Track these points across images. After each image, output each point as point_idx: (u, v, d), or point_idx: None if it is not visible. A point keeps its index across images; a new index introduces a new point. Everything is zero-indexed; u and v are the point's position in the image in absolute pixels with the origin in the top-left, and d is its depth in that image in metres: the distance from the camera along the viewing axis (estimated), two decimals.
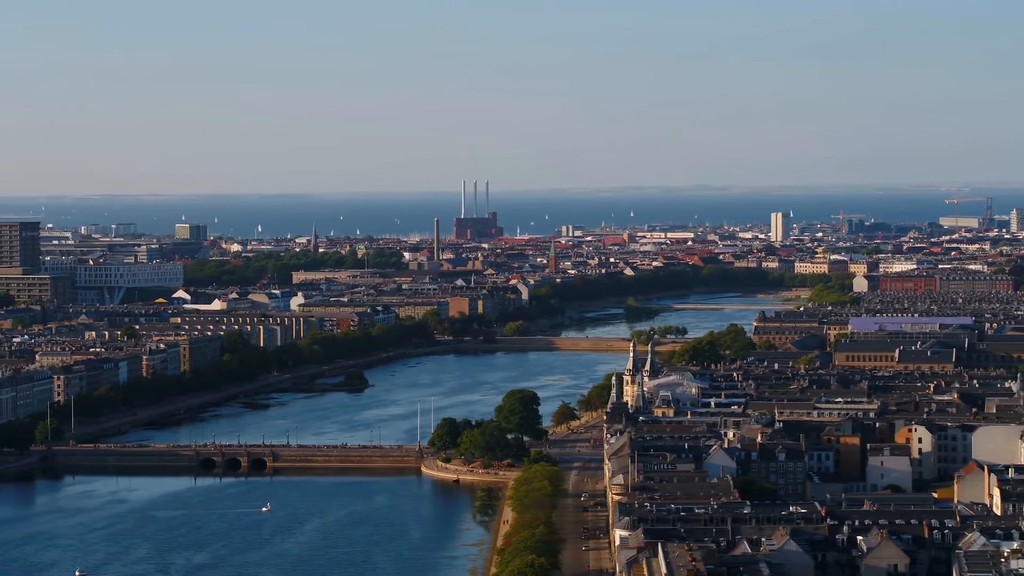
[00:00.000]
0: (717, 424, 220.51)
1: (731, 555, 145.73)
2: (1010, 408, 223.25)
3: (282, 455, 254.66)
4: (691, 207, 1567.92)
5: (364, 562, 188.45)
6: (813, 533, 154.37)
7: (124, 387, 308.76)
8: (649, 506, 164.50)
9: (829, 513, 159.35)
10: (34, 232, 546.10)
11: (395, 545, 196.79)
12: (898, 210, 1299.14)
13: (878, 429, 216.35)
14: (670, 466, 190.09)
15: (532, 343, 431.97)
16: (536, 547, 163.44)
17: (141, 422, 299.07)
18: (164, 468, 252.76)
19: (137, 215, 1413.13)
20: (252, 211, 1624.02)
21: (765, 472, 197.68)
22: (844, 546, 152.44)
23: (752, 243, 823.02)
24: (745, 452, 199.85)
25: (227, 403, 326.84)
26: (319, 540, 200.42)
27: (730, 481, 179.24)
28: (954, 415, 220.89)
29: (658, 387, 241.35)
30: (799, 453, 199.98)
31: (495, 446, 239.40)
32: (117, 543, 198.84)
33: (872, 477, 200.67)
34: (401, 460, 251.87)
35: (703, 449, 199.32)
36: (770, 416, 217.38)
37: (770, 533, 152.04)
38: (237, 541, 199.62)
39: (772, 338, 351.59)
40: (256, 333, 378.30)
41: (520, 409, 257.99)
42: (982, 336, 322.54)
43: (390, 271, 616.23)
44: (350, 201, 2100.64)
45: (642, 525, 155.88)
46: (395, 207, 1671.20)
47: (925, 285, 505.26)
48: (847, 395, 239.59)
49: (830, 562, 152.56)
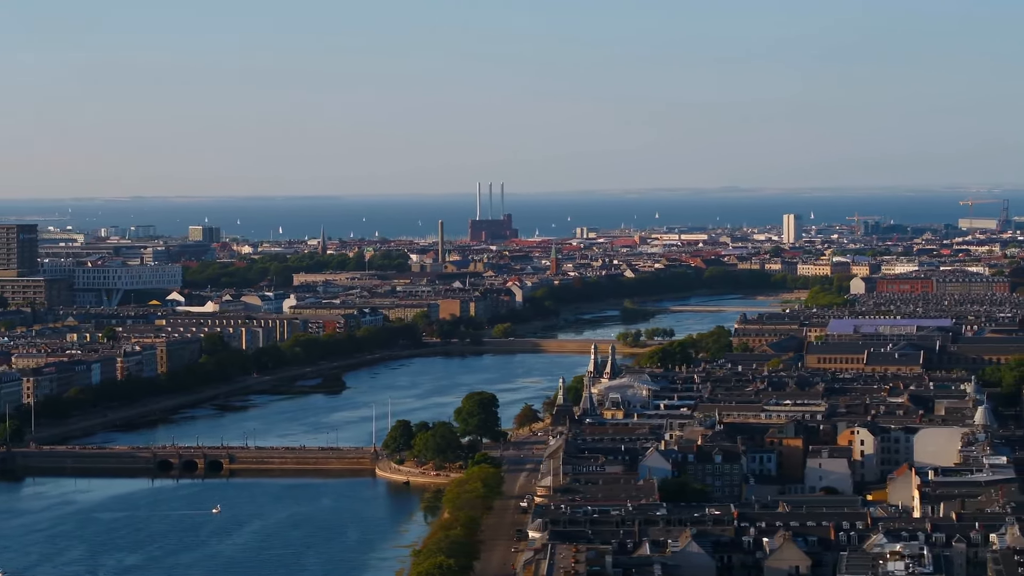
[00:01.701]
0: (663, 426, 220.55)
1: (628, 556, 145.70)
2: (959, 410, 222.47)
3: (239, 457, 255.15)
4: (718, 209, 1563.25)
5: (294, 564, 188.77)
6: (720, 535, 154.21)
7: (95, 389, 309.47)
8: (564, 508, 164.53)
9: (741, 515, 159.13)
10: (32, 235, 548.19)
11: (329, 546, 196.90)
12: (925, 212, 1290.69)
13: (822, 431, 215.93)
14: (599, 468, 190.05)
15: (519, 345, 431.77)
16: (449, 548, 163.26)
17: (110, 424, 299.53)
18: (121, 470, 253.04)
19: (162, 217, 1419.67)
20: (279, 213, 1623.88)
21: (701, 474, 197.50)
22: (750, 548, 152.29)
23: (763, 245, 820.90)
24: (682, 454, 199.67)
25: (202, 405, 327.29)
26: (255, 542, 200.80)
27: (654, 483, 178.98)
28: (901, 417, 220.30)
29: (608, 389, 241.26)
30: (736, 455, 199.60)
31: (446, 448, 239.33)
32: (53, 544, 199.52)
33: (811, 479, 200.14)
34: (356, 462, 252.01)
35: (640, 451, 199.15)
36: (713, 418, 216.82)
37: (677, 535, 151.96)
38: (173, 543, 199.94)
39: (751, 340, 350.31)
40: (239, 335, 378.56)
41: (479, 411, 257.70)
42: (956, 338, 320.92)
43: (391, 273, 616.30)
44: (377, 203, 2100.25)
45: (550, 527, 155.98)
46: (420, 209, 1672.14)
47: (922, 287, 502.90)
48: (800, 397, 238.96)
49: (736, 564, 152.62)
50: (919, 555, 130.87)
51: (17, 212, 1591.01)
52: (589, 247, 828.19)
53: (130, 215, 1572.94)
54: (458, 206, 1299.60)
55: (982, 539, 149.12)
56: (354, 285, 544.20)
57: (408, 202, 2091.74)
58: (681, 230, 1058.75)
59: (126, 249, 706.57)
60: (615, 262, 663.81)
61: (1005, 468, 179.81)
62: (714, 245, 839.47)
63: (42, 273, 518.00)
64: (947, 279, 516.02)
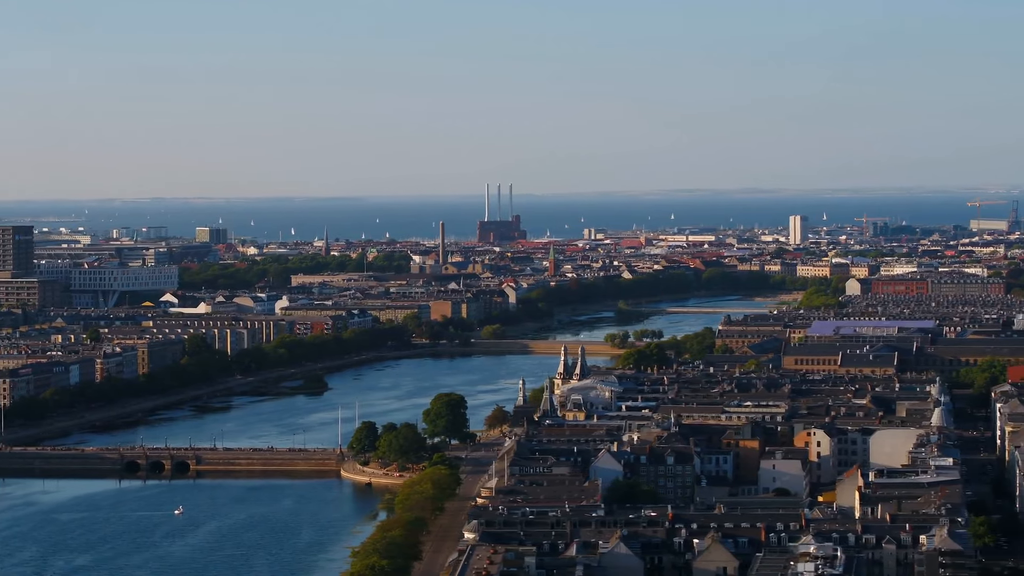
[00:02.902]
0: (621, 428, 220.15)
1: (554, 558, 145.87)
2: (920, 412, 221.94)
3: (205, 458, 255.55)
4: (735, 210, 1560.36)
5: (242, 565, 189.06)
6: (651, 536, 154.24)
7: (72, 390, 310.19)
8: (501, 509, 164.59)
9: (676, 517, 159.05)
10: (28, 236, 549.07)
11: (280, 548, 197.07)
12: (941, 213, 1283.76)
13: (780, 433, 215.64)
14: (546, 470, 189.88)
15: (508, 346, 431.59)
16: (386, 549, 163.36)
17: (87, 425, 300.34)
18: (90, 471, 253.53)
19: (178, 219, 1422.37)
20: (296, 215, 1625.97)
21: (653, 476, 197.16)
22: (680, 549, 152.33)
23: (768, 246, 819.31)
24: (635, 456, 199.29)
25: (182, 407, 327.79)
26: (208, 543, 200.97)
27: (598, 485, 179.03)
28: (860, 419, 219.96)
29: (570, 391, 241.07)
30: (688, 456, 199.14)
31: (409, 449, 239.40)
32: (6, 545, 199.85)
33: (764, 481, 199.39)
34: (322, 464, 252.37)
35: (593, 453, 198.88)
36: (670, 420, 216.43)
37: (609, 536, 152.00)
38: (126, 544, 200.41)
39: (733, 341, 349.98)
40: (224, 337, 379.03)
41: (447, 412, 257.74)
42: (935, 340, 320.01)
43: (390, 275, 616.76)
44: (394, 205, 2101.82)
45: (483, 528, 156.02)
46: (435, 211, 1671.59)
47: (917, 289, 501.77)
48: (764, 399, 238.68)
49: (666, 565, 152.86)
50: (832, 556, 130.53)
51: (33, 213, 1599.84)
52: (594, 248, 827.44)
53: (147, 216, 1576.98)
54: (473, 207, 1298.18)
55: (912, 540, 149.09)
56: (349, 287, 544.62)
57: (424, 204, 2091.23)
58: (692, 231, 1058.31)
59: (128, 251, 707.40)
60: (615, 263, 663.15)
61: (951, 470, 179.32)
62: (720, 246, 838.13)
63: (37, 274, 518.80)
64: (943, 281, 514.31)
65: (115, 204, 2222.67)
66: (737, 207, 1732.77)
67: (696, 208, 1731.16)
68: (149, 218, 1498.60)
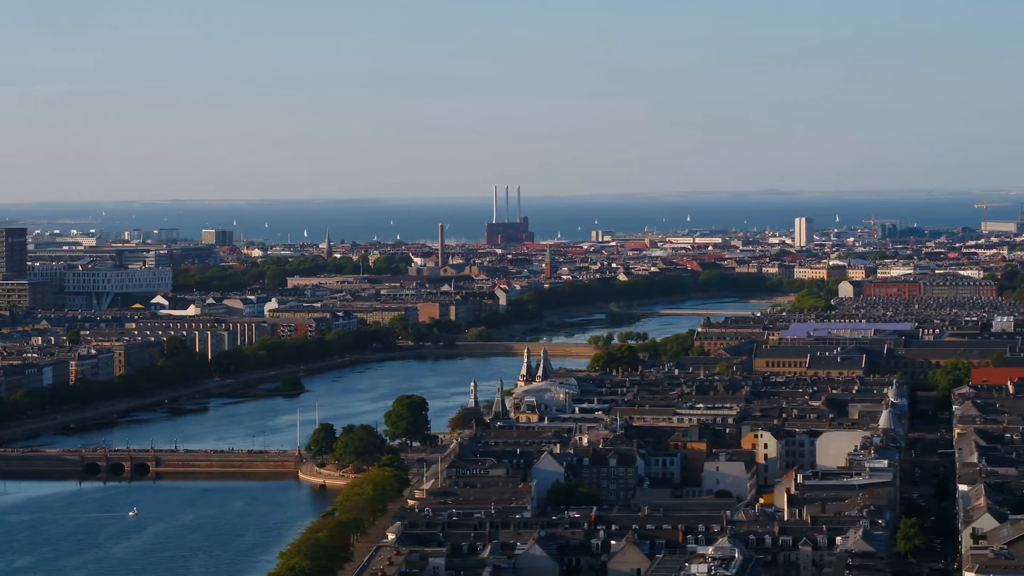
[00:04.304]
0: (571, 430, 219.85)
1: (464, 559, 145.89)
2: (872, 414, 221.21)
3: (165, 460, 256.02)
4: (752, 212, 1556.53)
5: (179, 567, 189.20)
6: (570, 538, 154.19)
7: (44, 392, 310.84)
8: (427, 511, 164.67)
9: (598, 518, 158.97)
10: (21, 238, 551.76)
11: (221, 549, 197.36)
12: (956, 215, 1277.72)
13: (728, 435, 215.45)
14: (483, 472, 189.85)
15: (492, 348, 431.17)
16: (310, 551, 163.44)
17: (59, 427, 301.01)
18: (51, 473, 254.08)
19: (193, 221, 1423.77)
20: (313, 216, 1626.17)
21: (596, 477, 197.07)
22: (598, 550, 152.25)
23: (770, 249, 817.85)
24: (578, 457, 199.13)
25: (157, 408, 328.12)
26: (151, 544, 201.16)
27: (531, 487, 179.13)
28: (811, 421, 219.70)
29: (524, 393, 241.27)
30: (631, 458, 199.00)
31: (365, 451, 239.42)
32: None
33: (708, 482, 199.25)
34: (281, 465, 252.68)
35: (535, 455, 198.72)
36: (617, 422, 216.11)
37: (527, 537, 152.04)
38: (69, 545, 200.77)
39: (711, 343, 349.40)
40: (204, 339, 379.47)
41: (408, 414, 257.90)
42: (908, 342, 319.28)
43: (386, 277, 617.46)
44: (415, 206, 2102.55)
45: (404, 529, 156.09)
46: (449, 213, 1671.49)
47: (909, 291, 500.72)
48: (722, 400, 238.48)
49: (584, 566, 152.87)
50: (729, 558, 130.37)
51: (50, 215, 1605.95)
52: (598, 251, 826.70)
53: (164, 219, 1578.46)
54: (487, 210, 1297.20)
55: (828, 542, 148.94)
56: (342, 289, 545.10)
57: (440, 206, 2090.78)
58: (703, 233, 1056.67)
59: (129, 253, 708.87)
60: (613, 265, 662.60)
61: (884, 472, 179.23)
62: (724, 248, 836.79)
63: (30, 277, 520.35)
64: (935, 283, 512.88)
65: (134, 206, 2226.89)
66: (755, 209, 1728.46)
67: (714, 210, 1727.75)
68: (166, 220, 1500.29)
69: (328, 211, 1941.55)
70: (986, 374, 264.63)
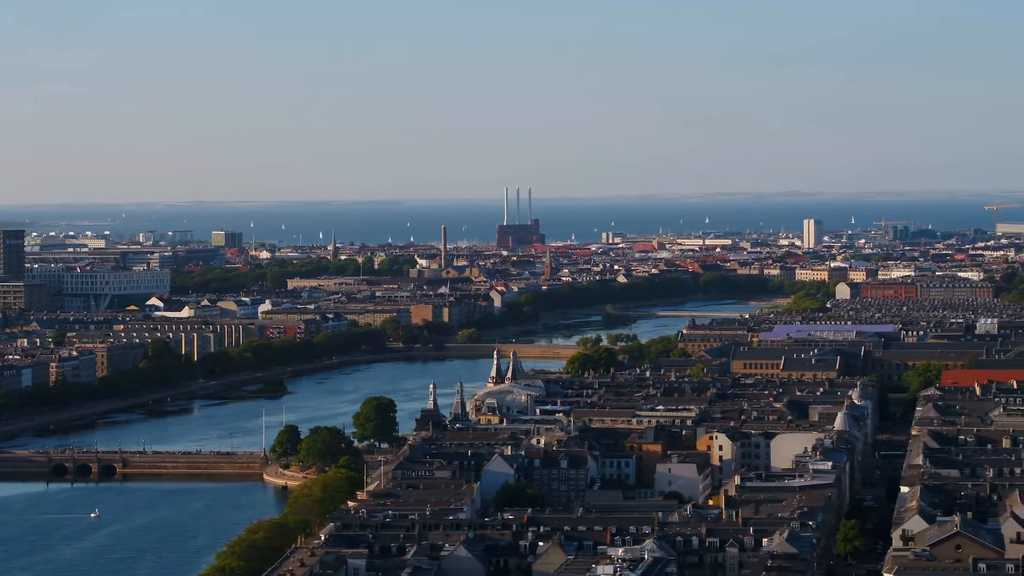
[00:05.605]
0: (531, 432, 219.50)
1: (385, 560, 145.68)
2: (832, 416, 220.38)
3: (132, 462, 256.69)
4: (771, 214, 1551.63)
5: (126, 568, 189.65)
6: (498, 539, 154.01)
7: (23, 393, 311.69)
8: (363, 512, 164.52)
9: (531, 520, 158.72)
10: (18, 240, 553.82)
11: (171, 551, 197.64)
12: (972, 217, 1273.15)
13: (684, 437, 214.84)
14: (428, 473, 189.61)
15: (481, 350, 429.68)
16: (244, 552, 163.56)
17: (38, 428, 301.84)
18: (19, 474, 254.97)
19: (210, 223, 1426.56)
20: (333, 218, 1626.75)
21: (547, 479, 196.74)
22: (525, 552, 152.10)
23: (776, 250, 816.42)
24: (529, 459, 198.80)
25: (137, 410, 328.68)
26: (102, 546, 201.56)
27: (474, 488, 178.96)
28: (769, 422, 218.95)
29: (486, 395, 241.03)
30: (582, 460, 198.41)
31: (328, 452, 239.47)
32: None
33: (660, 484, 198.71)
34: (247, 467, 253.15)
35: (486, 457, 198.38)
36: (571, 424, 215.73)
37: (456, 539, 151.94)
38: (20, 547, 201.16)
39: (694, 345, 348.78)
40: (190, 340, 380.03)
41: (375, 416, 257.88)
42: (887, 344, 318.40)
43: (385, 278, 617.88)
44: (434, 208, 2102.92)
45: (336, 531, 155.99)
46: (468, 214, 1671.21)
47: (906, 293, 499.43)
48: (685, 402, 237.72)
49: (511, 568, 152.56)
50: (638, 559, 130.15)
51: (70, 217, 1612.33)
52: (605, 252, 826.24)
53: (183, 220, 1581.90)
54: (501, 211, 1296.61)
55: (755, 543, 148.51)
56: (338, 290, 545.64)
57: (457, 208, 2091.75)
58: (717, 234, 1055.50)
59: (133, 255, 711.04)
60: (614, 267, 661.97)
61: (827, 473, 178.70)
62: (732, 250, 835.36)
63: (27, 279, 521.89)
64: (932, 285, 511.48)
65: (156, 207, 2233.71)
66: (774, 211, 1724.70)
67: (734, 212, 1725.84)
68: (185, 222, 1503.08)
69: (346, 213, 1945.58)
70: (956, 376, 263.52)
